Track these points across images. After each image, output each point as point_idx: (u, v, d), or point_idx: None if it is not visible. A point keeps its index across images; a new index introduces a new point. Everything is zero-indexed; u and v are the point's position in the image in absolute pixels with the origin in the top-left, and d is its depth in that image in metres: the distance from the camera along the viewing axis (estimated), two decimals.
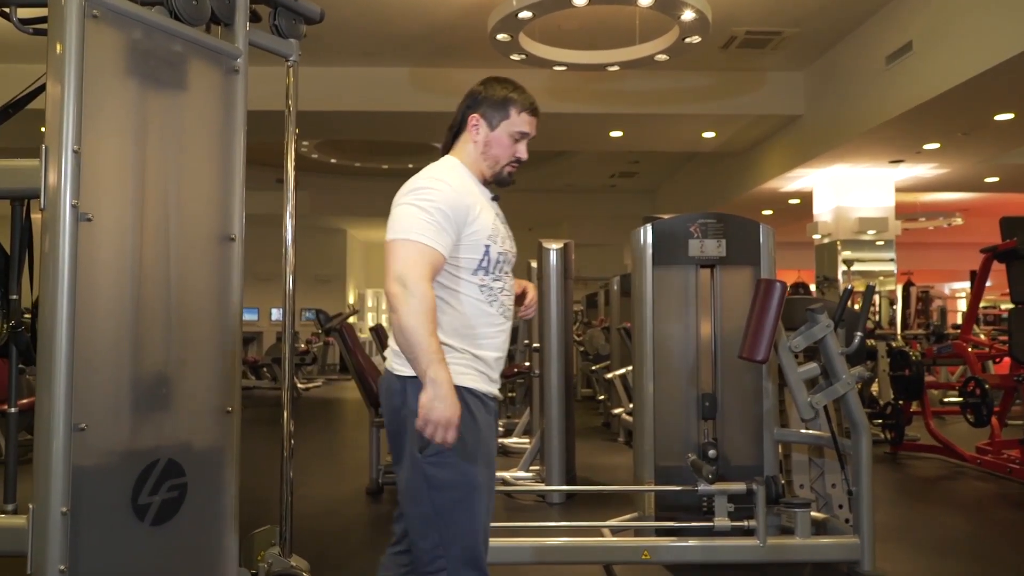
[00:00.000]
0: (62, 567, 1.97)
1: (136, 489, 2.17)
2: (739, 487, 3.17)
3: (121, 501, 2.14)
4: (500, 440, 4.32)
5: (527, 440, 5.62)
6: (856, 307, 5.29)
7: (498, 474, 3.33)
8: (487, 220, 1.95)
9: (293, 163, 2.86)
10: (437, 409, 1.74)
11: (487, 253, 1.94)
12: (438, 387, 1.75)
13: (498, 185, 2.08)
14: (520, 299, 2.19)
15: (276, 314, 15.17)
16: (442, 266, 1.89)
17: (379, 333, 5.95)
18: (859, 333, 3.24)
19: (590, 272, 12.36)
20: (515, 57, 6.41)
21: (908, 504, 4.54)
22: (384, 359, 2.04)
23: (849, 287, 4.57)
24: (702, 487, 3.21)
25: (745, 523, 3.13)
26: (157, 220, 2.24)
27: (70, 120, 2.01)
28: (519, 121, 2.01)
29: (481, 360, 1.95)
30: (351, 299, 16.93)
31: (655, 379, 3.60)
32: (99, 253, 2.08)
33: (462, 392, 1.85)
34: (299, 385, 10.51)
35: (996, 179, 11.28)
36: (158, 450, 2.24)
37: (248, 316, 11.92)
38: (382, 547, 1.89)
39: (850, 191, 10.16)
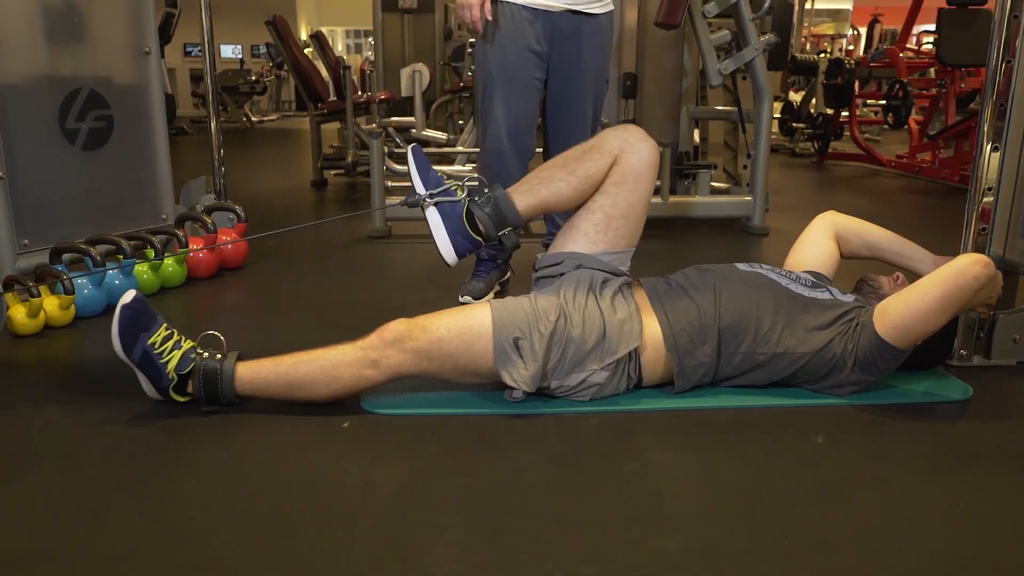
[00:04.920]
0: (1, 174, 2.16)
1: (62, 113, 2.33)
2: None
3: (49, 123, 2.30)
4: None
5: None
6: None
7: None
8: None
9: None
10: None
11: None
12: None
13: None
14: None
15: (226, 50, 14.64)
16: None
17: (319, 39, 5.88)
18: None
19: None
20: None
21: (818, 191, 4.89)
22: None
23: None
24: None
25: None
26: None
27: None
28: None
29: None
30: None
31: None
32: None
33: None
34: (253, 118, 10.43)
35: None
36: (78, 80, 2.37)
37: (197, 51, 11.55)
38: (322, 212, 2.08)
39: None
